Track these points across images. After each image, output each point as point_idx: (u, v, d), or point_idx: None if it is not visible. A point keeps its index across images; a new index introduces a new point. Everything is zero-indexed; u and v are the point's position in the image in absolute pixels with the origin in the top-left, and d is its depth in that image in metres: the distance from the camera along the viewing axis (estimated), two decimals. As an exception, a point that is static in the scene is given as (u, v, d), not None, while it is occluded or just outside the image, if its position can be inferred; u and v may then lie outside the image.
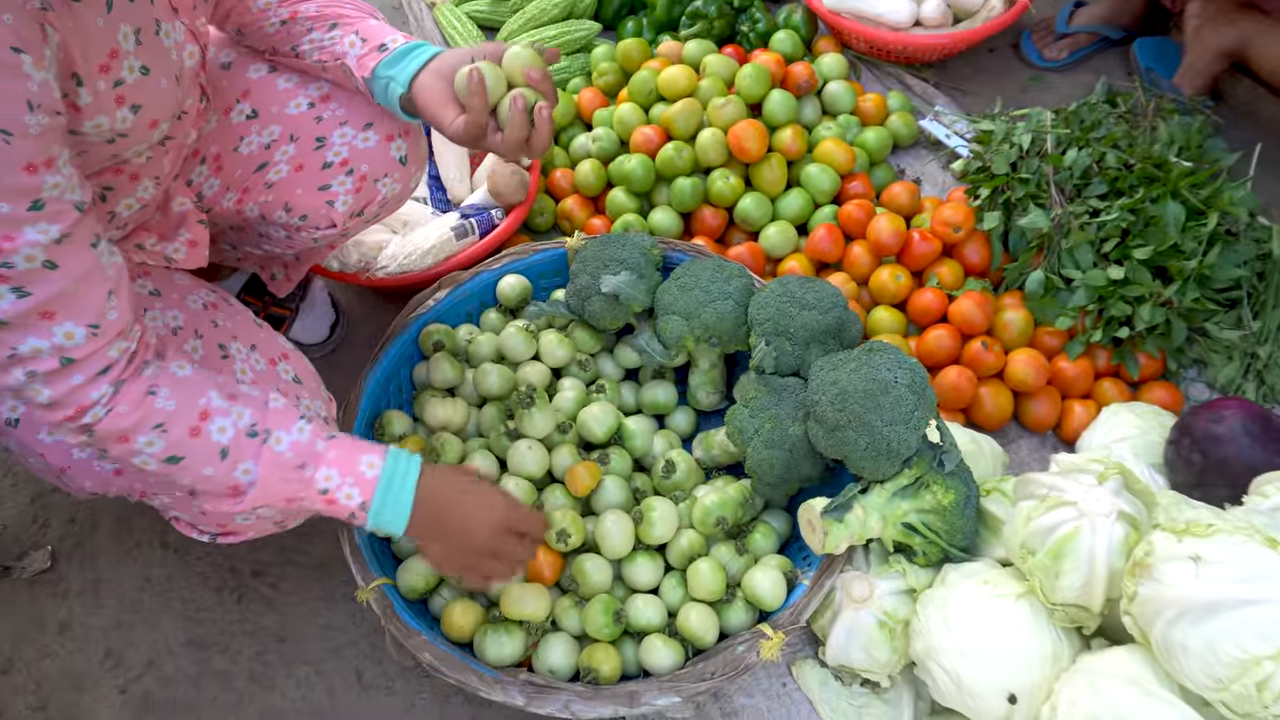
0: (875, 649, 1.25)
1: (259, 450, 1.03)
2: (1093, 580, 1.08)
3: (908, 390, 1.23)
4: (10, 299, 0.86)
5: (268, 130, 1.29)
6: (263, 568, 1.49)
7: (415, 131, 1.37)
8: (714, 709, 1.32)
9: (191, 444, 1.00)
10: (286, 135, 1.29)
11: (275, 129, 1.29)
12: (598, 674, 1.23)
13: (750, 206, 1.75)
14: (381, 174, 1.33)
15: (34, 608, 1.45)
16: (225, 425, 1.01)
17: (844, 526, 1.22)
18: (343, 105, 1.30)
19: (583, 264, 1.51)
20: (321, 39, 1.23)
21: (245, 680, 1.39)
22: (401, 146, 1.34)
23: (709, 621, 1.27)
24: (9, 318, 0.87)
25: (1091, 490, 1.11)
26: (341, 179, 1.31)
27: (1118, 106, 1.85)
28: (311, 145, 1.30)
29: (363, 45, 1.21)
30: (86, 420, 0.95)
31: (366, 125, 1.31)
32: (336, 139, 1.30)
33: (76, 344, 0.91)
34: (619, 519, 1.32)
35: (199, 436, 1.00)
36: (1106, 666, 1.05)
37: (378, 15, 1.28)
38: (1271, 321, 1.58)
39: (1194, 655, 0.95)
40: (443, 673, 1.18)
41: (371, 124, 1.31)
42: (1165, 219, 1.56)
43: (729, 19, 2.06)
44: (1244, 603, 0.93)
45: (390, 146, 1.32)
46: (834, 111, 1.94)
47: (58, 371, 0.91)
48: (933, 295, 1.64)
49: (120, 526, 1.53)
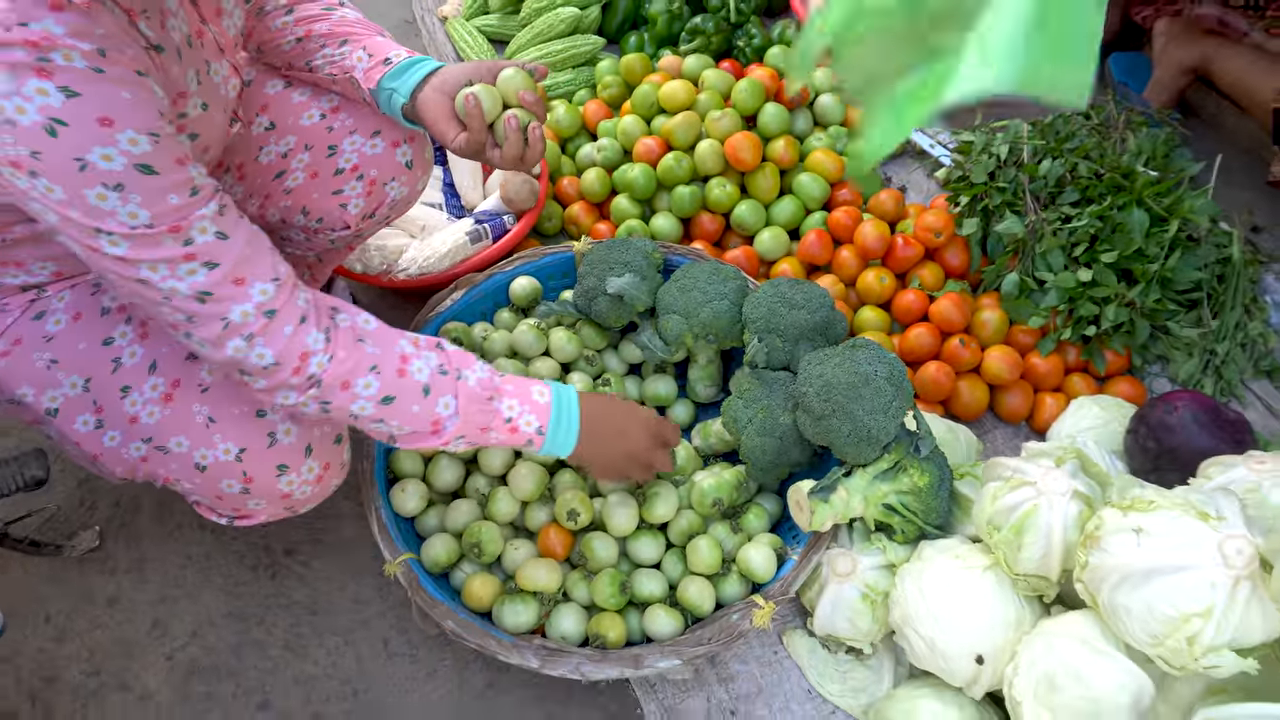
0: (858, 619, 1.37)
1: (455, 386, 1.15)
2: (1050, 552, 1.20)
3: (886, 383, 1.35)
4: (203, 273, 0.98)
5: (284, 140, 1.41)
6: (294, 546, 1.61)
7: (420, 138, 1.49)
8: (711, 674, 1.45)
9: (400, 384, 1.12)
10: (302, 145, 1.41)
11: (291, 139, 1.40)
12: (605, 640, 1.35)
13: (745, 213, 1.87)
14: (389, 178, 1.46)
15: (84, 583, 1.57)
16: (421, 366, 1.14)
17: (829, 506, 1.34)
18: (351, 115, 1.42)
19: (590, 267, 1.63)
20: (333, 54, 1.35)
21: (281, 649, 1.51)
22: (407, 152, 1.46)
23: (706, 593, 1.39)
24: (210, 287, 0.99)
25: (1050, 472, 1.23)
26: (353, 184, 1.44)
27: (1091, 118, 1.97)
28: (324, 153, 1.41)
29: (369, 59, 1.33)
30: (312, 370, 1.06)
31: (374, 133, 1.43)
32: (347, 147, 1.42)
33: (271, 298, 1.03)
34: (624, 500, 1.44)
35: (405, 376, 1.12)
36: (1061, 628, 1.17)
37: (384, 33, 1.40)
38: (1229, 320, 1.71)
39: (1134, 615, 1.07)
40: (465, 639, 1.30)
41: (379, 132, 1.43)
42: (1131, 225, 1.68)
43: (726, 34, 2.18)
44: (1178, 568, 1.05)
45: (396, 152, 1.45)
46: (825, 123, 2.05)
47: (267, 327, 1.03)
48: (915, 296, 1.76)
49: (162, 509, 1.65)
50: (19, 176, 0.89)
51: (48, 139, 0.86)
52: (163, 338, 1.21)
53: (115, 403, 1.18)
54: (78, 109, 0.86)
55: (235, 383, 1.15)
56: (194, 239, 0.97)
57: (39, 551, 1.55)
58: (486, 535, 1.41)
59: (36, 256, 1.15)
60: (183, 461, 1.20)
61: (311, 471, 1.26)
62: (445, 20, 2.39)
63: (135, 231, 0.93)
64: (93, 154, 0.89)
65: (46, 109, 0.85)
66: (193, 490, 1.26)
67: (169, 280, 0.97)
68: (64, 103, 0.86)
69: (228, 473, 1.21)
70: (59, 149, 0.87)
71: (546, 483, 1.48)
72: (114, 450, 1.22)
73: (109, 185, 0.90)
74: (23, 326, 1.18)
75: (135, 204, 0.92)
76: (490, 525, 1.42)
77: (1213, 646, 1.02)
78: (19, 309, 1.18)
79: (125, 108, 0.89)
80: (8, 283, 1.16)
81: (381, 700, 1.45)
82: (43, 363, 1.18)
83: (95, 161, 0.89)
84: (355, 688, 1.46)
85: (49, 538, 1.58)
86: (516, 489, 1.45)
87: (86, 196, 0.90)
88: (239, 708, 1.45)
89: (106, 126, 0.88)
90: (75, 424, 1.20)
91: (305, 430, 1.25)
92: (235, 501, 1.26)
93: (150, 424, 1.19)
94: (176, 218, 0.95)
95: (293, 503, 1.29)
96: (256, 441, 1.21)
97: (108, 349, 1.19)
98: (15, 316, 1.18)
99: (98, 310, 1.20)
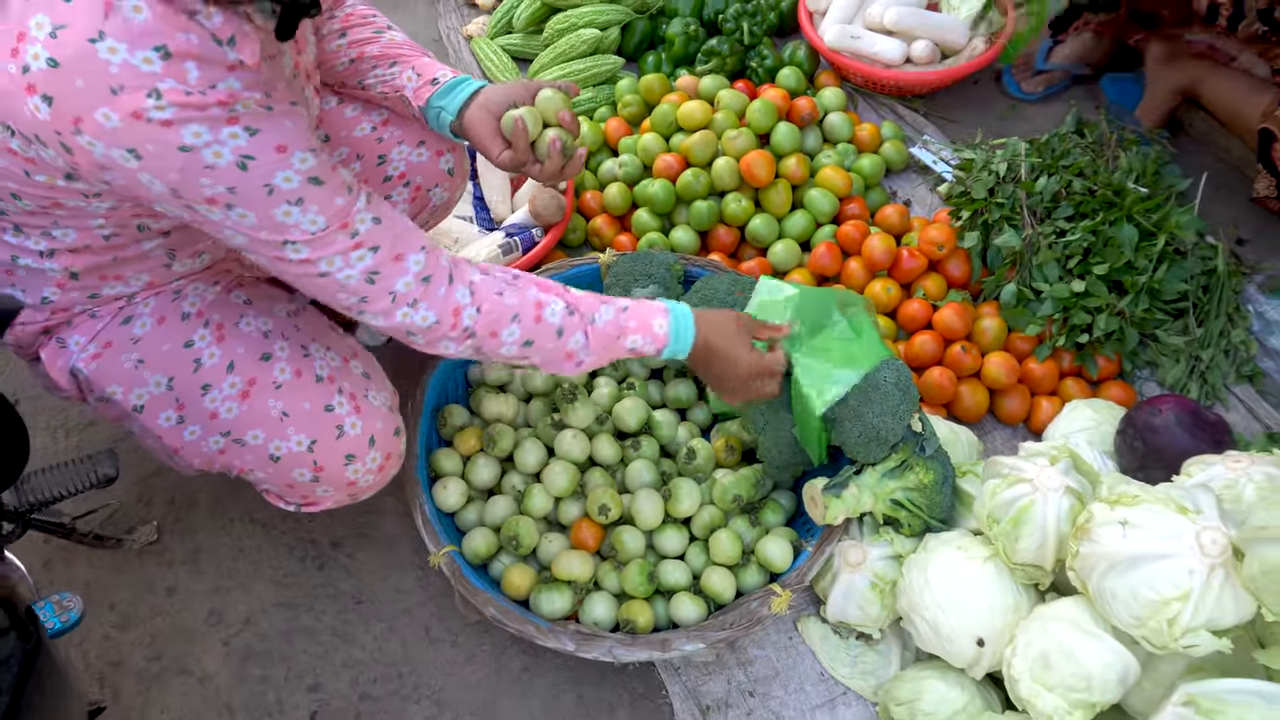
0: (868, 606, 1.48)
1: (583, 325, 1.29)
2: (1045, 543, 1.31)
3: (894, 387, 1.46)
4: (370, 257, 1.13)
5: (338, 152, 1.54)
6: (340, 540, 1.72)
7: (460, 149, 1.64)
8: (731, 658, 1.56)
9: (537, 328, 1.26)
10: (354, 155, 1.54)
11: (344, 150, 1.54)
12: (635, 625, 1.46)
13: (759, 226, 1.98)
14: (433, 184, 1.61)
15: (144, 574, 1.68)
16: (553, 310, 1.27)
17: (841, 502, 1.45)
18: (399, 128, 1.56)
19: (615, 278, 1.74)
20: (384, 74, 1.48)
21: (329, 635, 1.62)
22: (449, 160, 1.61)
23: (728, 582, 1.50)
24: (377, 267, 1.13)
25: (1044, 470, 1.34)
26: (400, 189, 1.58)
27: (1085, 137, 2.08)
28: (374, 162, 1.56)
29: (418, 79, 1.45)
30: (465, 323, 1.21)
31: (419, 143, 1.57)
32: (395, 156, 1.56)
33: (424, 266, 1.17)
34: (650, 496, 1.55)
35: (540, 322, 1.26)
36: (1054, 613, 1.28)
37: (429, 54, 1.52)
38: (1213, 329, 1.82)
39: (1120, 600, 1.18)
40: (505, 624, 1.41)
41: (424, 142, 1.57)
42: (1121, 240, 1.79)
43: (740, 55, 2.29)
44: (1159, 556, 1.16)
45: (440, 160, 1.60)
46: (834, 140, 2.17)
47: (426, 291, 1.17)
48: (919, 305, 1.87)
49: (215, 505, 1.76)
50: (214, 211, 1.04)
51: (240, 174, 1.01)
52: (237, 340, 1.33)
53: (196, 400, 1.30)
54: (260, 143, 1.01)
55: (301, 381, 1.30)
56: (358, 230, 1.12)
57: (102, 545, 1.66)
58: (524, 529, 1.52)
59: (137, 270, 1.27)
60: (258, 453, 1.33)
61: (374, 461, 1.39)
62: (470, 39, 2.50)
63: (315, 236, 1.08)
64: (276, 179, 1.03)
65: (238, 149, 1.00)
66: (265, 479, 1.38)
67: (344, 270, 1.12)
68: (249, 140, 1.00)
69: (300, 462, 1.33)
70: (250, 180, 1.02)
71: (579, 480, 1.59)
72: (194, 443, 1.34)
73: (291, 202, 1.05)
74: (112, 331, 1.30)
75: (313, 213, 1.07)
76: (527, 519, 1.54)
77: (1190, 627, 1.13)
78: (109, 315, 1.30)
79: (292, 134, 1.04)
80: (106, 293, 1.28)
81: (425, 682, 1.56)
82: (130, 363, 1.30)
83: (279, 184, 1.04)
84: (400, 671, 1.57)
85: (111, 532, 1.69)
86: (551, 486, 1.57)
87: (274, 216, 1.05)
88: (291, 689, 1.56)
89: (282, 153, 1.03)
90: (159, 419, 1.32)
91: (369, 423, 1.37)
92: (304, 489, 1.38)
93: (229, 419, 1.31)
94: (344, 216, 1.10)
95: (356, 490, 1.41)
96: (326, 434, 1.33)
97: (189, 350, 1.31)
98: (105, 323, 1.30)
99: (179, 315, 1.32)
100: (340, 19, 1.47)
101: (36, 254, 1.20)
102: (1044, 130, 2.16)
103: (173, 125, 0.96)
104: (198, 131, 0.97)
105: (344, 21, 1.47)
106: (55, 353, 1.31)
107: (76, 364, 1.30)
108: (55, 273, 1.22)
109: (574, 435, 1.61)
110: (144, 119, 0.95)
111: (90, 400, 1.35)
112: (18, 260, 1.21)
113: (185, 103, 0.96)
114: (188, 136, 0.97)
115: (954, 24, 2.25)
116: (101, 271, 1.25)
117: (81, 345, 1.30)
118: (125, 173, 1.00)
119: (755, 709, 1.50)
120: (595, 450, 1.62)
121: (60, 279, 1.23)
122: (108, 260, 1.23)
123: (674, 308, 1.37)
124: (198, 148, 0.98)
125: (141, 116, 0.95)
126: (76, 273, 1.23)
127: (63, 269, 1.22)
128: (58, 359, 1.31)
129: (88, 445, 1.82)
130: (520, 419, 1.71)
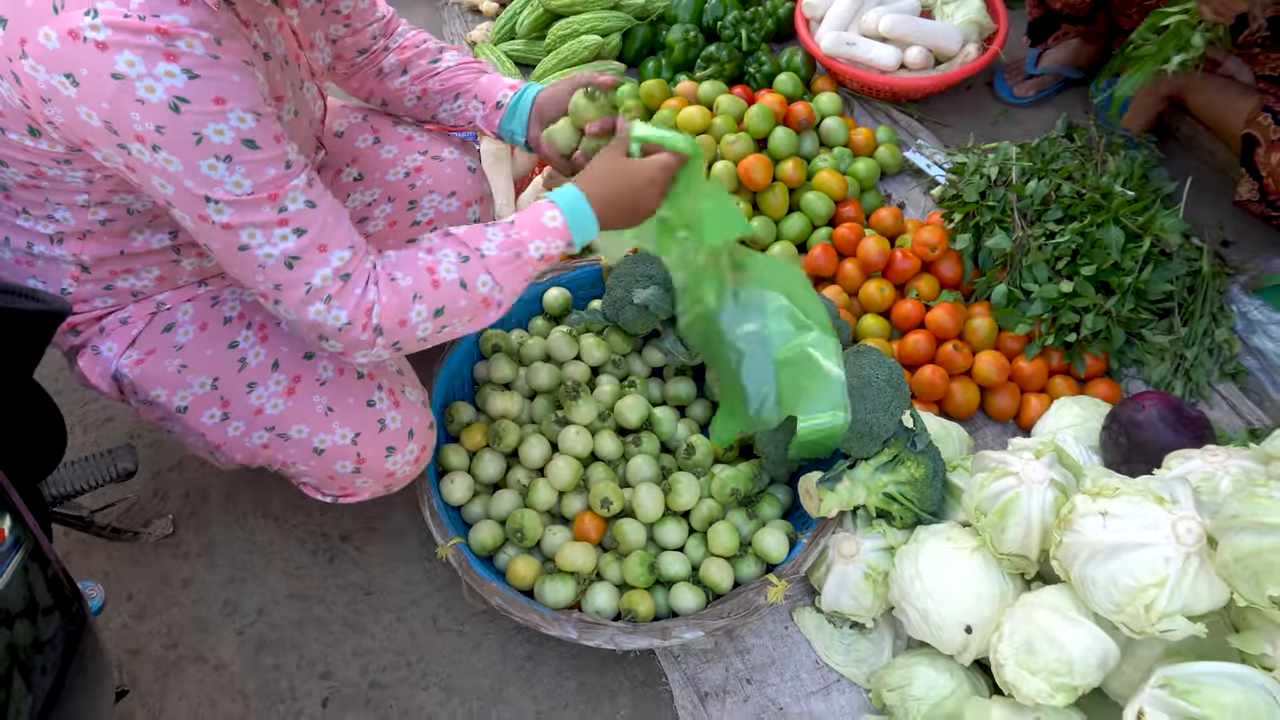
0: (861, 596, 1.53)
1: (481, 263, 1.24)
2: (1030, 534, 1.37)
3: (886, 384, 1.51)
4: (294, 239, 1.11)
5: (370, 191, 1.60)
6: (349, 533, 1.77)
7: (487, 199, 1.70)
8: (729, 647, 1.61)
9: (439, 294, 1.21)
10: (385, 197, 1.61)
11: (376, 191, 1.61)
12: (636, 614, 1.51)
13: (757, 228, 2.03)
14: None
15: (160, 566, 1.74)
16: (447, 265, 1.22)
17: (835, 495, 1.51)
18: (432, 176, 1.62)
19: (617, 279, 1.79)
20: (452, 109, 1.57)
21: (340, 625, 1.67)
22: (476, 211, 1.68)
23: (726, 572, 1.55)
24: (298, 252, 1.12)
25: (1029, 464, 1.39)
26: (426, 235, 1.61)
27: (1074, 141, 2.13)
28: (405, 207, 1.62)
29: (484, 108, 1.55)
30: (375, 321, 1.18)
31: (450, 194, 1.64)
32: (425, 204, 1.63)
33: (347, 264, 1.16)
34: (651, 490, 1.60)
35: (440, 287, 1.21)
36: (1039, 600, 1.34)
37: (484, 68, 1.60)
38: (1198, 328, 1.87)
39: (1100, 586, 1.23)
40: (511, 613, 1.46)
41: (454, 193, 1.64)
42: (1108, 242, 1.84)
43: (738, 61, 2.35)
44: (1137, 545, 1.21)
45: (468, 211, 1.67)
46: (830, 144, 2.22)
47: (343, 289, 1.15)
48: (912, 305, 1.92)
49: (227, 500, 1.81)
50: (144, 151, 1.03)
51: (171, 115, 1.01)
52: (280, 339, 1.39)
53: (241, 397, 1.36)
54: (198, 89, 1.01)
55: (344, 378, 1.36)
56: (287, 206, 1.10)
57: (119, 537, 1.72)
58: (528, 521, 1.57)
59: (146, 264, 1.32)
60: (302, 446, 1.39)
61: (412, 453, 1.45)
62: (474, 45, 2.56)
63: (239, 199, 1.07)
64: (208, 129, 1.03)
65: (172, 89, 1.00)
66: (307, 472, 1.44)
67: (264, 246, 1.11)
68: (186, 83, 1.00)
69: (343, 455, 1.39)
70: (180, 124, 1.01)
71: (581, 474, 1.64)
72: (237, 439, 1.40)
73: (220, 157, 1.04)
74: (154, 338, 1.36)
75: (240, 174, 1.06)
76: (531, 513, 1.59)
77: (1167, 613, 1.18)
78: (143, 320, 1.36)
79: (235, 90, 1.04)
80: (120, 286, 1.33)
81: (433, 670, 1.61)
82: (174, 368, 1.35)
83: (209, 136, 1.03)
84: (409, 659, 1.63)
85: (128, 525, 1.75)
86: (555, 480, 1.62)
87: (199, 167, 1.04)
88: (303, 677, 1.61)
89: (219, 105, 1.03)
90: (202, 418, 1.38)
91: (407, 417, 1.43)
92: (344, 480, 1.44)
93: (275, 414, 1.37)
94: (274, 187, 1.09)
95: (393, 481, 1.48)
96: (369, 427, 1.39)
97: (234, 351, 1.37)
98: (141, 328, 1.35)
99: (220, 320, 1.38)
100: (396, 51, 1.54)
101: (47, 239, 1.24)
102: (1035, 134, 2.22)
103: (107, 49, 0.96)
104: (130, 60, 0.97)
105: (400, 55, 1.54)
106: (92, 360, 1.36)
107: (120, 369, 1.35)
108: (67, 262, 1.27)
109: (577, 431, 1.66)
110: (80, 39, 0.96)
111: (132, 403, 1.41)
112: (33, 248, 1.26)
113: (121, 24, 0.95)
114: (120, 64, 0.97)
115: (948, 31, 2.30)
116: (110, 265, 1.30)
117: (118, 351, 1.35)
118: (65, 104, 1.00)
119: (752, 695, 1.56)
120: (597, 446, 1.67)
121: (73, 270, 1.28)
122: (114, 253, 1.28)
123: (557, 195, 1.32)
124: (130, 78, 0.97)
125: (78, 36, 0.96)
126: (87, 264, 1.28)
127: (73, 257, 1.26)
128: (95, 365, 1.36)
129: (105, 441, 1.88)
130: (525, 415, 1.76)
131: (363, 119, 1.61)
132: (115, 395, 1.41)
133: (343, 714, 1.57)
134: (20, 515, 0.87)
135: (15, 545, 0.83)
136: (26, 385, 1.13)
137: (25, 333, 0.97)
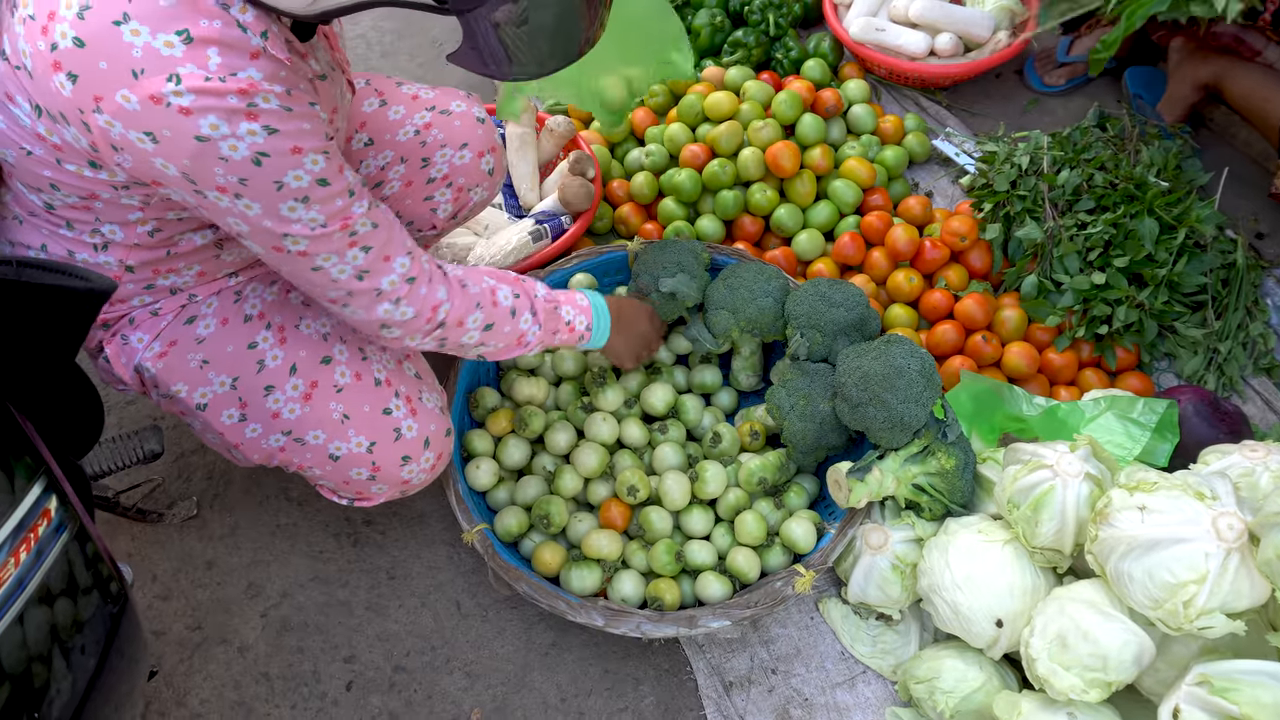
0: (889, 587, 1.52)
1: (530, 303, 1.41)
2: (1064, 528, 1.35)
3: (918, 375, 1.50)
4: (363, 256, 1.19)
5: (382, 155, 1.57)
6: (373, 518, 1.77)
7: (499, 148, 1.67)
8: (754, 637, 1.60)
9: (495, 311, 1.36)
10: (398, 159, 1.58)
11: (388, 154, 1.58)
12: (663, 602, 1.50)
13: (784, 216, 2.01)
14: (474, 184, 1.64)
15: (184, 548, 1.74)
16: (505, 294, 1.38)
17: (865, 485, 1.49)
18: (442, 131, 1.59)
19: (643, 265, 1.77)
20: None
21: (363, 609, 1.67)
22: (489, 160, 1.64)
23: (753, 562, 1.54)
24: (367, 266, 1.20)
25: (1064, 456, 1.37)
26: (443, 190, 1.62)
27: (1107, 130, 2.10)
28: (418, 165, 1.59)
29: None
30: (440, 317, 1.29)
31: (462, 146, 1.60)
32: (439, 159, 1.59)
33: (409, 268, 1.25)
34: (678, 478, 1.59)
35: (497, 306, 1.36)
36: (1072, 594, 1.32)
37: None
38: (1232, 321, 1.84)
39: (1137, 582, 1.22)
40: (537, 599, 1.46)
41: (466, 144, 1.60)
42: (1142, 233, 1.82)
43: (765, 47, 2.32)
44: (1176, 540, 1.19)
45: (480, 161, 1.63)
46: (857, 131, 2.19)
47: (410, 290, 1.25)
48: (941, 295, 1.90)
49: (251, 483, 1.81)
50: (223, 199, 1.07)
51: (254, 168, 1.05)
52: (298, 343, 1.38)
53: (259, 400, 1.35)
54: (277, 143, 1.05)
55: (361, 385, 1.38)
56: (356, 230, 1.17)
57: (144, 518, 1.72)
58: (555, 508, 1.56)
59: (189, 261, 1.32)
60: (318, 452, 1.38)
61: (428, 462, 1.44)
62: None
63: (314, 233, 1.13)
64: (287, 176, 1.07)
65: (254, 145, 1.03)
66: (322, 476, 1.43)
67: (337, 266, 1.19)
68: (266, 139, 1.04)
69: (358, 462, 1.38)
70: (262, 175, 1.06)
71: (607, 462, 1.63)
72: (254, 440, 1.39)
73: (298, 199, 1.10)
74: (176, 330, 1.35)
75: (315, 210, 1.12)
76: (557, 499, 1.58)
77: (1206, 610, 1.17)
78: (171, 314, 1.35)
79: (307, 136, 1.08)
80: (160, 284, 1.32)
81: (457, 655, 1.61)
82: (195, 363, 1.34)
83: (289, 182, 1.08)
84: (432, 644, 1.63)
85: (152, 506, 1.75)
86: (581, 467, 1.61)
87: (279, 209, 1.10)
88: (327, 660, 1.61)
89: (296, 154, 1.07)
90: (221, 417, 1.37)
91: (424, 426, 1.42)
92: (360, 486, 1.43)
93: (291, 419, 1.36)
94: (343, 216, 1.15)
95: (409, 488, 1.47)
96: (385, 436, 1.38)
97: (253, 352, 1.36)
98: (168, 321, 1.35)
99: (241, 317, 1.37)
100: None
101: (91, 248, 1.24)
102: (1066, 123, 2.18)
103: (191, 114, 0.99)
104: (215, 124, 1.00)
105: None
106: (119, 349, 1.35)
107: (143, 362, 1.34)
108: (111, 266, 1.26)
109: (603, 418, 1.65)
110: (163, 104, 0.98)
111: (154, 396, 1.40)
112: (74, 255, 1.25)
113: (204, 89, 0.98)
114: (205, 127, 1.00)
115: (978, 17, 2.27)
116: (155, 265, 1.29)
117: (145, 343, 1.34)
118: (139, 155, 1.03)
119: (777, 685, 1.55)
120: (624, 433, 1.67)
121: (116, 272, 1.27)
122: (160, 255, 1.28)
123: (587, 290, 1.55)
124: (214, 139, 1.01)
125: (161, 101, 0.98)
126: (132, 266, 1.27)
127: (118, 262, 1.26)
128: (121, 355, 1.35)
129: (128, 423, 1.87)
130: (550, 402, 1.76)
131: (365, 83, 1.59)
132: (138, 388, 1.40)
133: (367, 697, 1.57)
134: (66, 497, 0.87)
135: (61, 526, 0.83)
136: (69, 365, 1.13)
137: (72, 311, 0.96)
